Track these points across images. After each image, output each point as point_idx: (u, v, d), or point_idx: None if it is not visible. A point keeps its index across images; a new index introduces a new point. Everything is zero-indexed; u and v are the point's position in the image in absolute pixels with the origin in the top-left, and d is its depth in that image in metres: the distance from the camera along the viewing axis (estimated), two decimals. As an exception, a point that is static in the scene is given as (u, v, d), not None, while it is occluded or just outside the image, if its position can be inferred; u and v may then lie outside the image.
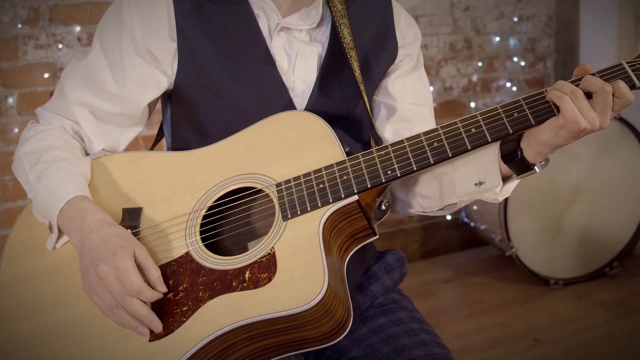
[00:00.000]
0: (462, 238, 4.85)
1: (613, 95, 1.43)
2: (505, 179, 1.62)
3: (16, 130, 3.58)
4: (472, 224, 4.58)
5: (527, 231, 4.13)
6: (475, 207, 4.49)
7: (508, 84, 4.90)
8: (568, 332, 3.67)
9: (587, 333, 3.66)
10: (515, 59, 4.91)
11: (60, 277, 1.59)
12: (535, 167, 1.56)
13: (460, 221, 4.78)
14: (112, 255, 1.43)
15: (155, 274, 1.47)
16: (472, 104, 4.72)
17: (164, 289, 1.48)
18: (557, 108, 1.47)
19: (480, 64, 4.78)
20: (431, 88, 4.22)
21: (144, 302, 1.44)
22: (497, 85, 4.87)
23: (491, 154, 1.59)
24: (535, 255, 4.17)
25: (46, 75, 3.62)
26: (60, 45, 3.63)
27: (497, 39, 4.82)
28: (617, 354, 3.46)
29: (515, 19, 4.87)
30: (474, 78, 4.74)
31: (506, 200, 3.99)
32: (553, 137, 1.47)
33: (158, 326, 1.45)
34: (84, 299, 1.53)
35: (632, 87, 1.48)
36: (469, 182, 1.65)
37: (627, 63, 1.50)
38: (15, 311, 1.58)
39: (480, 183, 1.63)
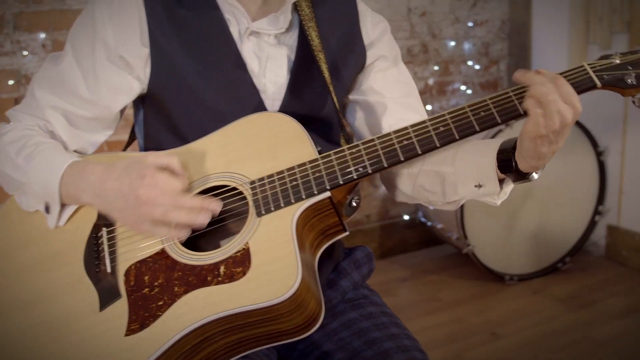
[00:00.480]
0: (419, 237, 4.85)
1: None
2: (502, 181, 1.64)
3: (-19, 136, 3.53)
4: (429, 223, 4.58)
5: (482, 229, 4.15)
6: (431, 207, 4.44)
7: (463, 87, 4.92)
8: (524, 325, 3.70)
9: (542, 326, 3.70)
10: (470, 63, 4.94)
11: (36, 275, 1.58)
12: (531, 176, 1.58)
13: (417, 221, 4.78)
14: (142, 179, 1.46)
15: (178, 165, 1.54)
16: (429, 107, 4.73)
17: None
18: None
19: (436, 67, 4.79)
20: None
21: None
22: (452, 88, 4.89)
23: (488, 161, 1.61)
24: (491, 252, 4.20)
25: (11, 82, 3.57)
26: (25, 53, 3.59)
27: (453, 43, 4.84)
28: (571, 344, 3.50)
29: (470, 24, 4.90)
30: (430, 82, 4.75)
31: None
32: (534, 149, 1.49)
33: (217, 206, 1.51)
34: (58, 297, 1.54)
35: (593, 87, 1.53)
36: (469, 183, 1.66)
37: (588, 65, 1.54)
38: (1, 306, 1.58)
39: (480, 186, 1.65)
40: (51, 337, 1.50)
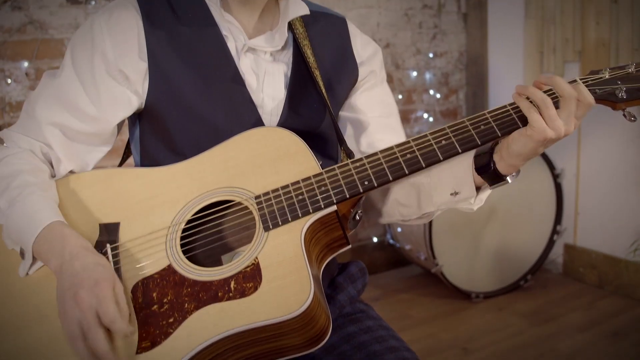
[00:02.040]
0: (388, 258, 4.85)
1: (577, 100, 1.45)
2: (479, 189, 1.62)
3: (-34, 161, 3.44)
4: (398, 245, 4.58)
5: (449, 250, 4.15)
6: (399, 229, 4.51)
7: (425, 115, 4.95)
8: (493, 340, 3.70)
9: (509, 340, 3.70)
10: (431, 92, 4.98)
11: (37, 294, 1.49)
12: (508, 178, 1.57)
13: (386, 243, 4.78)
14: (94, 284, 1.35)
15: (127, 312, 1.38)
16: (393, 134, 4.71)
17: (132, 328, 1.38)
18: (521, 118, 1.49)
19: (400, 96, 4.82)
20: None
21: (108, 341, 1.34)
22: (415, 116, 4.91)
23: (465, 166, 1.60)
24: (458, 271, 4.20)
25: (-5, 110, 3.52)
26: (9, 80, 3.54)
27: (415, 73, 4.88)
28: (538, 357, 3.50)
29: (431, 55, 4.94)
30: None
31: (430, 222, 4.04)
32: (523, 147, 1.48)
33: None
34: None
35: None
36: (445, 192, 1.65)
37: (580, 79, 1.53)
38: None
39: (456, 193, 1.64)
40: (61, 354, 1.41)
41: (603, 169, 4.30)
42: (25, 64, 3.56)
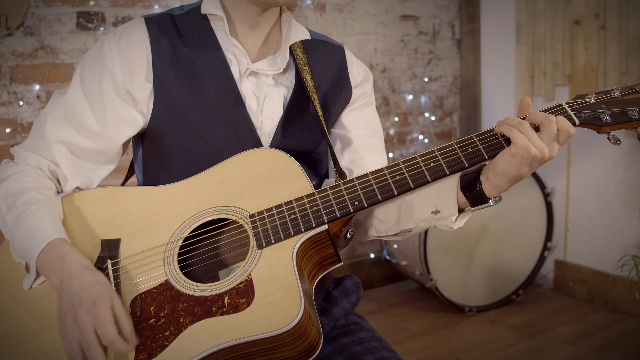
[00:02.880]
0: (384, 274, 4.84)
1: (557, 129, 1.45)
2: (460, 211, 1.61)
3: (-21, 180, 3.44)
4: (394, 261, 4.58)
5: (443, 265, 4.15)
6: (395, 246, 4.52)
7: (420, 137, 4.95)
8: (485, 352, 3.69)
9: (501, 352, 3.69)
10: (426, 115, 4.98)
11: (41, 307, 1.49)
12: (490, 201, 1.55)
13: (382, 258, 4.77)
14: (92, 304, 1.34)
15: (128, 328, 1.37)
16: (390, 155, 4.75)
17: (135, 342, 1.38)
18: (507, 141, 1.48)
19: (396, 119, 4.82)
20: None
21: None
22: (411, 137, 4.91)
23: (450, 184, 1.58)
24: (451, 286, 4.20)
25: (8, 130, 3.53)
26: (20, 103, 3.55)
27: (411, 97, 4.88)
28: (529, 369, 3.49)
29: (426, 79, 4.95)
30: (391, 131, 4.77)
31: (425, 239, 4.05)
32: (508, 166, 1.46)
33: None
34: None
35: (572, 124, 1.50)
36: (427, 209, 1.63)
37: (566, 104, 1.53)
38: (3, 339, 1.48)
39: (437, 212, 1.62)
40: None
41: (592, 188, 4.30)
42: (37, 87, 3.57)
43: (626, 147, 3.98)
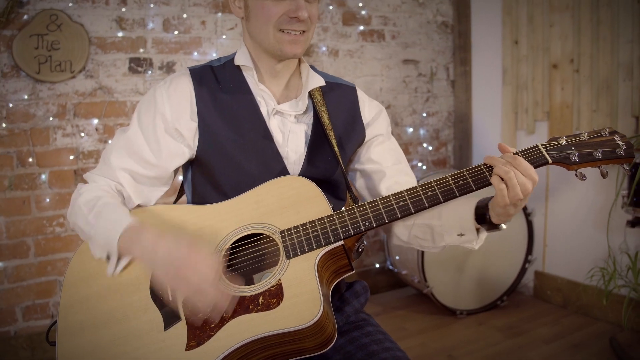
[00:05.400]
0: (388, 281, 4.81)
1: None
2: (479, 230, 1.68)
3: (47, 200, 3.53)
4: (396, 270, 4.55)
5: (438, 275, 4.14)
6: (397, 257, 4.48)
7: (419, 164, 4.93)
8: (473, 349, 3.68)
9: (487, 349, 3.68)
10: (424, 145, 4.95)
11: (112, 300, 1.58)
12: (502, 225, 1.63)
13: (386, 268, 4.75)
14: (188, 249, 1.49)
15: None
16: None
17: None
18: (490, 172, 1.55)
19: (399, 148, 4.78)
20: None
21: None
22: (411, 165, 4.87)
23: (469, 216, 1.66)
24: (445, 292, 4.18)
25: (71, 157, 3.59)
26: (82, 134, 3.61)
27: (411, 129, 4.86)
28: (511, 364, 3.47)
29: (424, 115, 4.93)
30: None
31: (423, 252, 4.03)
32: (503, 212, 1.56)
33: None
34: (131, 318, 1.54)
35: (546, 163, 1.56)
36: (453, 233, 1.70)
37: (541, 145, 1.58)
38: (77, 326, 1.56)
39: (462, 235, 1.69)
40: (126, 350, 1.49)
41: (567, 210, 4.28)
42: (95, 121, 3.64)
43: (597, 175, 3.88)
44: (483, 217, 1.64)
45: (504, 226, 1.63)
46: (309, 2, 1.68)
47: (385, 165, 1.88)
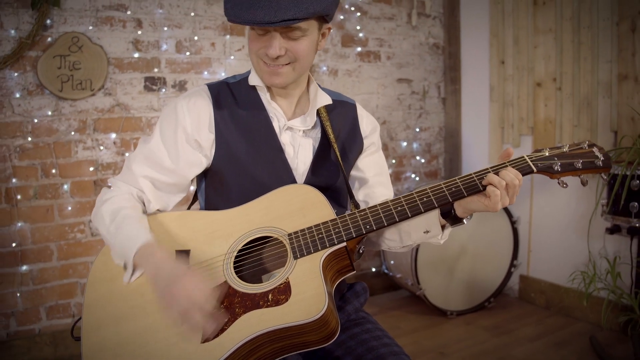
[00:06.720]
0: (383, 284, 4.80)
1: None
2: (443, 227, 1.71)
3: (69, 208, 3.55)
4: (391, 274, 4.55)
5: (430, 278, 4.14)
6: (392, 262, 4.48)
7: (413, 175, 4.93)
8: (463, 347, 3.69)
9: (476, 347, 3.69)
10: (417, 158, 4.97)
11: (132, 298, 1.59)
12: (464, 220, 1.66)
13: (382, 272, 4.74)
14: (183, 276, 1.47)
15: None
16: (389, 189, 4.71)
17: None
18: (480, 180, 1.57)
19: (393, 161, 4.81)
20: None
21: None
22: (405, 176, 4.89)
23: (434, 212, 1.68)
24: (436, 294, 4.18)
25: (91, 169, 3.61)
26: (101, 148, 3.63)
27: (405, 143, 4.89)
28: (498, 360, 3.48)
29: (417, 130, 4.96)
30: (390, 171, 4.58)
31: (416, 256, 4.05)
32: (477, 209, 1.61)
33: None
34: (150, 314, 1.54)
35: (531, 172, 1.58)
36: (420, 230, 1.72)
37: (527, 156, 1.60)
38: (100, 322, 1.57)
39: (427, 232, 1.71)
40: (147, 342, 1.51)
41: (550, 217, 4.29)
42: (113, 135, 3.66)
43: (578, 185, 3.92)
44: (447, 213, 1.67)
45: (465, 221, 1.67)
46: (292, 39, 1.65)
47: (368, 175, 1.92)
